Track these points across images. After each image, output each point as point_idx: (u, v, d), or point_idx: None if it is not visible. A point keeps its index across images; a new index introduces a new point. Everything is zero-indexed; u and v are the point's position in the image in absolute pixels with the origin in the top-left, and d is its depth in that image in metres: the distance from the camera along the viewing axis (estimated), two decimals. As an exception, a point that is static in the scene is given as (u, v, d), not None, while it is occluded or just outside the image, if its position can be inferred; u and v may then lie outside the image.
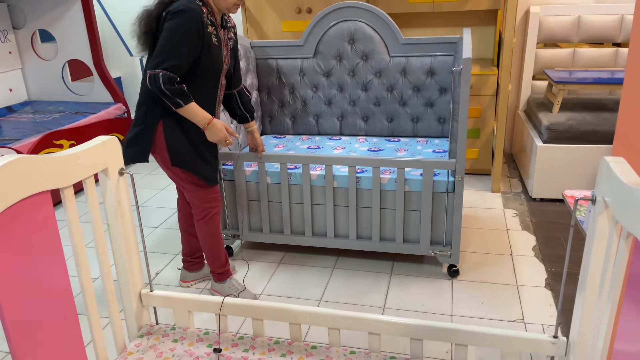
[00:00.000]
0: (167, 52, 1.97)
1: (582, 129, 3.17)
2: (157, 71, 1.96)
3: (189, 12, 1.99)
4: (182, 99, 2.01)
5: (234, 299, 1.57)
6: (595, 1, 3.74)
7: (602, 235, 1.09)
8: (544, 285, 2.48)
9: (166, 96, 1.99)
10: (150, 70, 1.97)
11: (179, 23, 1.98)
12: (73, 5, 4.01)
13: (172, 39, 1.97)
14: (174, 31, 1.98)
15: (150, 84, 1.97)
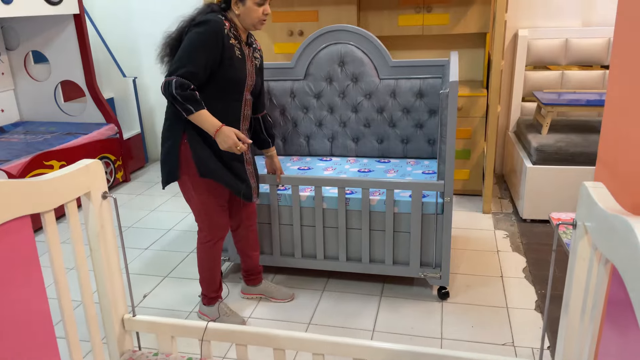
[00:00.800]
0: (184, 59, 1.99)
1: (570, 150, 3.19)
2: (171, 77, 1.98)
3: (209, 23, 2.02)
4: (193, 105, 2.00)
5: (217, 324, 1.55)
6: (583, 25, 3.80)
7: (583, 259, 1.09)
8: (534, 307, 2.47)
9: (177, 102, 1.98)
10: (166, 77, 1.99)
11: (198, 33, 2.01)
12: (66, 27, 4.03)
13: (190, 48, 2.00)
14: (193, 41, 2.01)
15: (164, 90, 1.99)
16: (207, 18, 2.03)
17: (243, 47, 2.16)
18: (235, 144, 2.06)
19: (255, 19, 2.10)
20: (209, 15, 2.05)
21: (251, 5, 2.07)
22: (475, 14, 3.64)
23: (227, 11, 2.13)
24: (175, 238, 3.36)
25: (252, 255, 2.56)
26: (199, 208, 2.25)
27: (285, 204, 2.62)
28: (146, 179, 4.52)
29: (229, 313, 2.44)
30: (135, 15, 4.58)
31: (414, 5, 3.70)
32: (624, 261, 0.78)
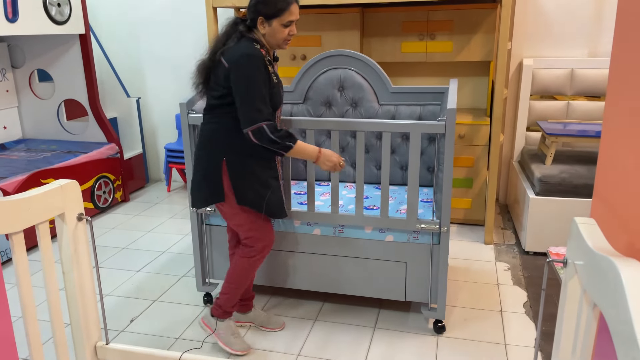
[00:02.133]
0: (256, 102, 2.00)
1: (574, 182, 3.11)
2: (259, 125, 2.00)
3: (255, 58, 2.02)
4: (291, 141, 2.07)
5: (193, 355, 1.48)
6: (589, 55, 3.76)
7: (572, 300, 1.02)
8: (533, 345, 2.36)
9: (277, 144, 2.03)
10: (251, 127, 2.00)
11: (251, 71, 2.01)
12: (72, 46, 4.07)
13: (254, 89, 2.00)
14: (251, 81, 2.00)
15: (258, 139, 2.01)
16: (251, 52, 2.03)
17: (275, 69, 2.19)
18: (339, 161, 2.16)
19: (281, 39, 2.11)
20: (250, 48, 2.04)
21: (277, 26, 2.08)
22: (479, 42, 3.62)
23: (252, 30, 2.12)
24: (168, 261, 3.30)
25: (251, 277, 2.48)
26: (248, 223, 2.21)
27: (278, 229, 2.56)
28: (146, 199, 4.48)
29: (236, 334, 2.36)
30: (141, 36, 4.62)
31: (417, 33, 3.69)
32: (609, 306, 0.71)
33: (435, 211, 2.40)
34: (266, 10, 2.05)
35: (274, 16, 2.06)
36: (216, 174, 2.14)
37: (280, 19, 2.06)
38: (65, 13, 3.76)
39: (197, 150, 2.22)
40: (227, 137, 2.13)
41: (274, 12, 2.05)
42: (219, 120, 2.15)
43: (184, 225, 3.86)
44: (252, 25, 2.11)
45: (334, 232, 2.49)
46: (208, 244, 2.69)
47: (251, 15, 2.09)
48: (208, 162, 2.16)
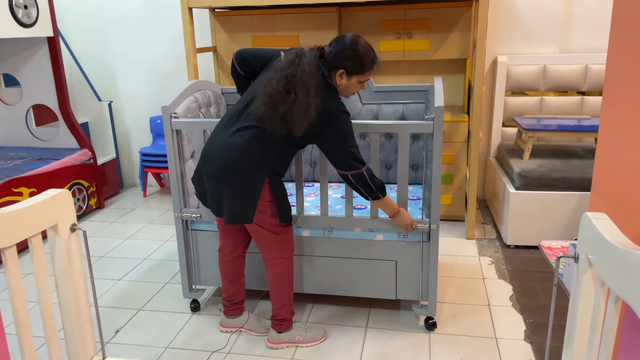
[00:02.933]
0: (355, 154, 2.08)
1: (553, 175, 3.18)
2: (358, 171, 2.10)
3: (346, 115, 2.08)
4: (382, 193, 2.19)
5: (196, 365, 1.44)
6: (560, 52, 3.85)
7: (587, 294, 1.03)
8: (522, 337, 2.40)
9: (372, 191, 2.15)
10: (350, 172, 2.10)
11: (348, 127, 2.08)
12: (40, 49, 3.92)
13: (352, 141, 2.09)
14: (349, 134, 2.08)
15: (357, 181, 2.12)
16: (345, 109, 2.09)
17: None
18: (412, 223, 2.28)
19: (352, 93, 2.16)
20: (342, 104, 2.09)
21: (355, 82, 2.11)
22: (455, 40, 3.66)
23: (331, 74, 2.08)
24: (150, 268, 3.22)
25: (242, 282, 2.47)
26: (276, 230, 2.21)
27: (267, 232, 2.53)
28: (121, 205, 4.37)
29: (308, 327, 2.43)
30: (111, 38, 4.50)
31: (394, 31, 3.71)
32: (644, 302, 0.72)
33: (424, 209, 2.41)
34: (353, 67, 2.06)
35: (357, 74, 2.08)
36: (256, 192, 2.10)
37: (361, 77, 2.10)
38: (32, 15, 3.63)
39: (242, 166, 2.07)
40: (275, 159, 2.12)
41: (358, 71, 2.07)
42: (274, 143, 2.08)
43: (164, 231, 3.78)
44: (329, 69, 2.08)
45: (323, 234, 2.48)
46: (194, 250, 2.63)
47: (332, 63, 2.06)
48: (251, 177, 2.08)
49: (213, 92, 2.87)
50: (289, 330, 2.37)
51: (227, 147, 2.08)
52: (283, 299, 2.32)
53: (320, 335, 2.41)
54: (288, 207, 2.22)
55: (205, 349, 2.38)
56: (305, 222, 2.45)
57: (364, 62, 2.06)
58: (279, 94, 1.98)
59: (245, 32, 3.80)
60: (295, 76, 1.98)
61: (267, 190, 2.12)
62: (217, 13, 3.85)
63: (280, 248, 2.26)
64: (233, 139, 2.08)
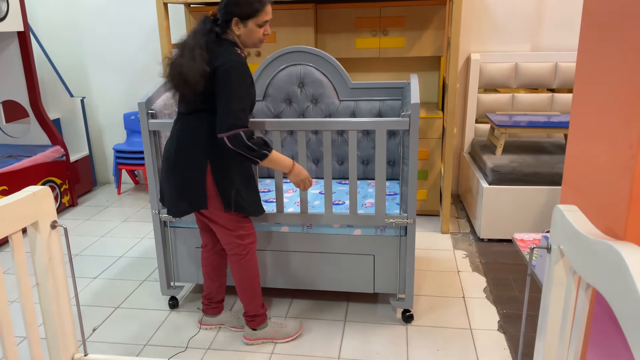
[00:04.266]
0: (238, 110, 1.98)
1: (524, 170, 3.27)
2: (236, 131, 1.97)
3: (242, 66, 2.01)
4: (267, 149, 2.06)
5: (179, 360, 1.45)
6: (531, 50, 3.95)
7: (559, 283, 1.08)
8: (496, 328, 2.47)
9: (253, 151, 2.01)
10: (228, 132, 1.96)
11: (239, 80, 2.00)
12: (10, 44, 3.83)
13: (239, 97, 1.99)
14: (238, 89, 1.99)
15: (234, 145, 1.98)
16: (239, 59, 2.01)
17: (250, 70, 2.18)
18: (308, 177, 2.20)
19: (256, 39, 2.10)
20: (236, 55, 2.02)
21: (253, 26, 2.06)
22: (429, 38, 3.72)
23: (226, 31, 2.07)
24: (127, 265, 3.19)
25: (223, 280, 2.47)
26: (229, 226, 2.18)
27: (246, 228, 2.54)
28: (95, 202, 4.31)
29: (283, 323, 2.41)
30: (83, 33, 4.42)
31: (370, 29, 3.74)
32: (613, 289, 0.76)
33: (401, 204, 2.46)
34: (241, 11, 2.03)
35: (249, 17, 2.04)
36: (200, 179, 2.08)
37: (256, 20, 2.05)
38: (2, 10, 3.54)
39: (175, 154, 2.11)
40: (211, 140, 2.07)
41: (249, 13, 2.03)
42: (201, 123, 2.07)
43: (140, 228, 3.74)
44: (225, 26, 2.07)
45: (302, 229, 2.50)
46: (172, 247, 2.62)
47: (224, 17, 2.05)
48: (190, 167, 2.09)
49: (190, 89, 2.86)
50: (264, 327, 2.38)
51: (170, 141, 2.15)
52: (248, 294, 2.31)
53: (296, 330, 2.42)
54: (237, 192, 2.13)
55: (184, 345, 2.38)
56: (287, 220, 2.47)
57: (251, 2, 2.03)
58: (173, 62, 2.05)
59: (222, 28, 3.78)
60: (185, 42, 2.04)
61: (210, 178, 2.09)
62: (192, 8, 3.82)
63: (237, 245, 2.22)
64: (174, 132, 2.15)
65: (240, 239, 2.22)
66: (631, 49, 1.03)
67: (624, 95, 1.06)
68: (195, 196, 2.11)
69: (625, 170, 1.00)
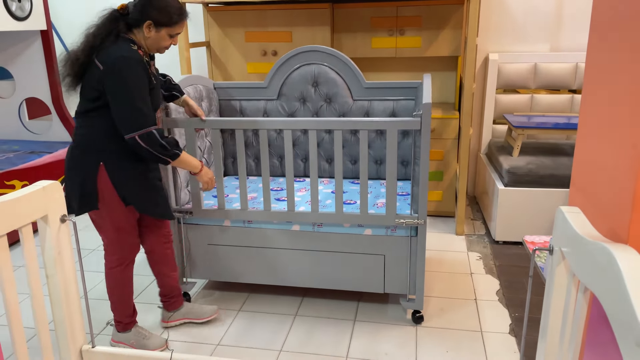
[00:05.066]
0: (141, 106, 1.95)
1: (541, 172, 3.22)
2: (148, 129, 1.96)
3: (133, 61, 1.96)
4: (178, 149, 2.07)
5: (185, 355, 1.47)
6: (551, 50, 3.89)
7: (560, 285, 1.07)
8: (508, 331, 2.44)
9: (166, 150, 2.01)
10: (139, 131, 1.95)
11: (131, 75, 1.95)
12: (33, 43, 3.93)
13: (136, 93, 1.95)
14: (131, 85, 1.95)
15: (147, 144, 1.96)
16: (128, 54, 1.96)
17: (152, 71, 2.13)
18: (213, 178, 2.26)
19: (163, 46, 2.10)
20: (127, 50, 1.98)
21: (164, 35, 2.06)
22: (447, 37, 3.69)
23: (132, 29, 2.05)
24: (142, 261, 3.23)
25: (171, 275, 2.46)
26: (111, 232, 2.16)
27: (258, 226, 2.55)
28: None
29: (147, 335, 2.35)
30: (106, 32, 4.50)
31: (387, 28, 3.73)
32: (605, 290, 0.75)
33: (412, 204, 2.45)
34: (159, 17, 2.01)
35: (165, 25, 2.03)
36: (92, 181, 2.04)
37: (171, 30, 2.05)
38: (25, 9, 3.63)
39: (71, 156, 2.09)
40: (105, 141, 2.04)
41: (166, 22, 2.03)
42: (93, 124, 2.04)
43: (156, 225, 3.79)
44: (135, 25, 2.04)
45: (312, 228, 2.51)
46: (185, 243, 2.66)
47: (137, 16, 2.02)
48: (82, 169, 2.05)
49: (205, 87, 2.89)
50: (129, 332, 2.34)
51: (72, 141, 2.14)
52: (114, 301, 2.28)
53: (159, 345, 2.34)
54: (136, 192, 2.11)
55: (195, 340, 2.41)
56: (297, 218, 2.48)
57: (171, 12, 2.02)
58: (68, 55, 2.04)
59: (239, 27, 3.81)
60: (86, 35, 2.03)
61: (104, 177, 2.05)
62: (210, 8, 3.86)
63: (113, 252, 2.18)
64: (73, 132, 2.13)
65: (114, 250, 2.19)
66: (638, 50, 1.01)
67: (630, 96, 1.04)
68: (89, 198, 2.06)
69: (629, 171, 0.99)
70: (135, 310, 2.37)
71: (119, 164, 2.07)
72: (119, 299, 2.29)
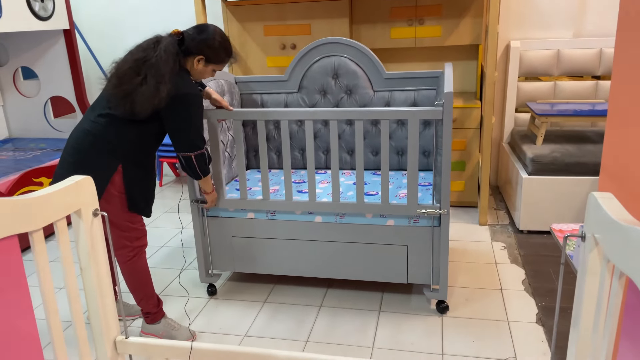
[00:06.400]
0: (200, 132, 2.19)
1: (566, 160, 3.18)
2: (202, 151, 2.20)
3: (199, 97, 2.17)
4: (209, 170, 2.31)
5: (204, 344, 1.49)
6: (574, 36, 3.82)
7: (593, 272, 1.06)
8: (534, 320, 2.43)
9: (206, 167, 2.26)
10: (195, 152, 2.18)
11: (196, 108, 2.16)
12: (56, 42, 3.99)
13: (197, 122, 2.17)
14: (195, 115, 2.15)
15: (198, 162, 2.21)
16: (195, 92, 2.14)
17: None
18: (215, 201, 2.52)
19: (203, 77, 2.26)
20: (193, 87, 2.15)
21: (209, 70, 2.23)
22: (467, 26, 3.65)
23: (187, 58, 2.17)
24: (167, 255, 3.29)
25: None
26: (119, 226, 2.20)
27: (280, 218, 2.57)
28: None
29: (176, 327, 2.40)
30: (126, 29, 4.55)
31: (406, 18, 3.71)
32: (644, 275, 0.75)
33: (435, 194, 2.44)
34: (211, 56, 2.18)
35: (214, 63, 2.21)
36: (104, 179, 2.09)
37: (216, 66, 2.23)
38: (48, 8, 3.69)
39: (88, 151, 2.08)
40: (130, 145, 2.12)
41: (216, 61, 2.20)
42: (125, 128, 2.09)
43: (180, 219, 3.85)
44: (187, 54, 2.16)
45: (335, 219, 2.52)
46: (209, 236, 2.69)
47: (193, 50, 2.15)
48: (97, 165, 2.08)
49: (227, 82, 2.91)
50: (158, 323, 2.38)
51: (80, 132, 2.12)
52: (139, 293, 2.32)
53: (183, 339, 2.37)
54: (143, 199, 2.22)
55: (222, 331, 2.45)
56: (319, 208, 2.49)
57: (223, 55, 2.20)
58: (125, 74, 2.02)
59: (257, 22, 3.83)
60: (148, 61, 2.02)
61: (118, 179, 2.11)
62: (229, 3, 3.88)
63: (124, 246, 2.23)
64: (87, 126, 2.11)
65: (128, 240, 2.23)
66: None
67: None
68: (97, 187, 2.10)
69: (663, 155, 0.97)
70: (159, 300, 2.41)
71: (134, 169, 2.17)
72: (141, 289, 2.33)
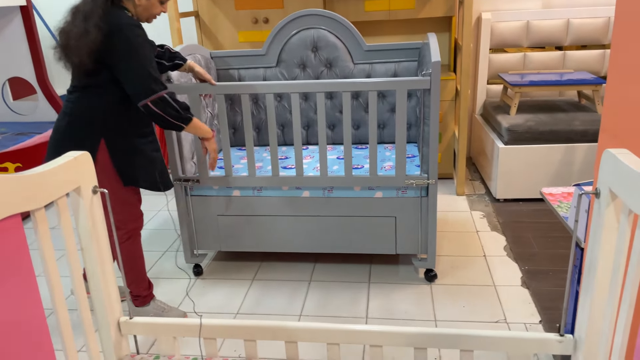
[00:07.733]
0: (151, 72, 1.91)
1: (540, 129, 3.26)
2: (160, 94, 1.92)
3: (138, 28, 1.94)
4: (191, 113, 2.04)
5: (214, 319, 1.47)
6: (543, 7, 3.88)
7: (610, 227, 1.09)
8: (520, 284, 2.50)
9: (179, 114, 1.98)
10: (151, 97, 1.90)
11: (138, 41, 1.91)
12: (13, 19, 3.77)
13: (145, 59, 1.91)
14: (140, 51, 1.91)
15: (160, 109, 1.93)
16: (132, 22, 1.92)
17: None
18: (216, 149, 2.24)
19: (152, 15, 2.05)
20: (129, 18, 1.93)
21: (155, 2, 2.02)
22: (440, -3, 3.66)
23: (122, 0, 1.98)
24: (147, 237, 3.21)
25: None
26: (120, 205, 2.11)
27: (266, 194, 2.54)
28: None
29: (166, 309, 2.34)
30: (86, 6, 4.34)
31: (379, -10, 3.67)
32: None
33: (422, 165, 2.46)
34: None
35: None
36: (92, 154, 1.96)
37: None
38: (4, -18, 3.47)
39: (65, 129, 1.99)
40: (107, 116, 1.99)
41: None
42: (93, 98, 1.97)
43: (156, 200, 3.75)
44: None
45: (323, 194, 2.51)
46: (192, 215, 2.63)
47: None
48: (79, 144, 1.93)
49: (203, 56, 2.83)
50: (145, 307, 2.32)
51: (59, 115, 2.05)
52: (131, 276, 2.25)
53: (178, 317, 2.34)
54: (138, 166, 2.08)
55: (212, 310, 2.42)
56: (307, 183, 2.47)
57: None
58: (62, 30, 1.94)
59: (228, -5, 3.71)
60: (78, 7, 1.93)
61: (103, 154, 2.01)
62: (197, -24, 3.74)
63: (117, 228, 2.12)
64: (63, 107, 2.05)
65: (123, 223, 2.15)
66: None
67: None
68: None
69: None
70: (150, 283, 2.35)
71: (119, 140, 2.03)
72: (133, 272, 2.26)
